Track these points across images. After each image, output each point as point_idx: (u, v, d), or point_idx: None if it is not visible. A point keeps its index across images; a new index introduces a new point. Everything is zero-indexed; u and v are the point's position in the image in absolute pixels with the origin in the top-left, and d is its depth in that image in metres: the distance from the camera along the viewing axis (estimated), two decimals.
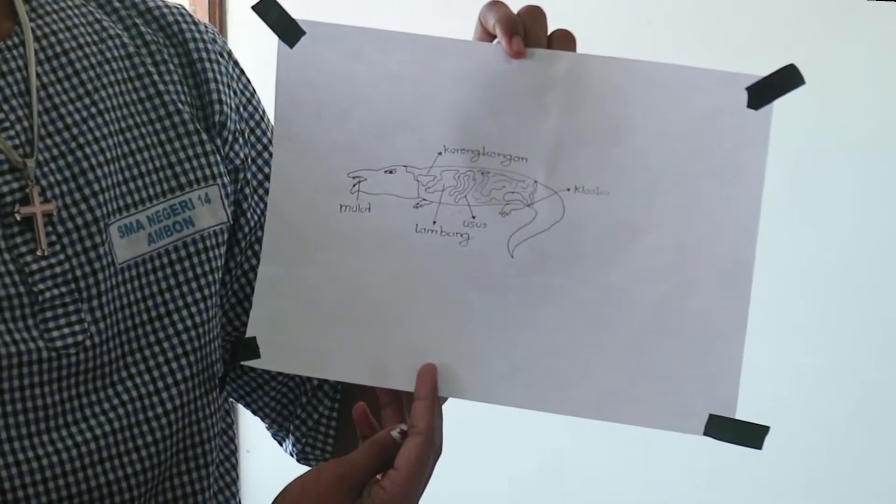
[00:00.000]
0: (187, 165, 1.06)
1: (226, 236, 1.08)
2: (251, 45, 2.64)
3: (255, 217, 1.12)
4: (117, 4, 1.08)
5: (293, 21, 1.02)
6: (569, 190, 1.00)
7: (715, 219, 0.99)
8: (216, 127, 1.08)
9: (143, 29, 1.08)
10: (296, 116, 1.03)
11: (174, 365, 1.04)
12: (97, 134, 1.01)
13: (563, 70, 0.99)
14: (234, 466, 1.13)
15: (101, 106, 1.03)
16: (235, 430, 1.15)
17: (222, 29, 2.66)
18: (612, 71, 1.00)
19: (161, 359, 1.03)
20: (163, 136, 1.05)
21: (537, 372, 1.01)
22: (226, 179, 1.08)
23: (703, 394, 1.00)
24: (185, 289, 1.05)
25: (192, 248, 1.05)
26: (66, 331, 0.98)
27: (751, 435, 1.00)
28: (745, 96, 0.98)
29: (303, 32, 1.02)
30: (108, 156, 1.02)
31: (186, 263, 1.05)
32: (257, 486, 2.69)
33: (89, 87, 1.03)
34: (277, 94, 1.03)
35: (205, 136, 1.07)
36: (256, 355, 1.05)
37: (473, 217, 1.01)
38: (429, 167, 1.01)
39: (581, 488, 2.55)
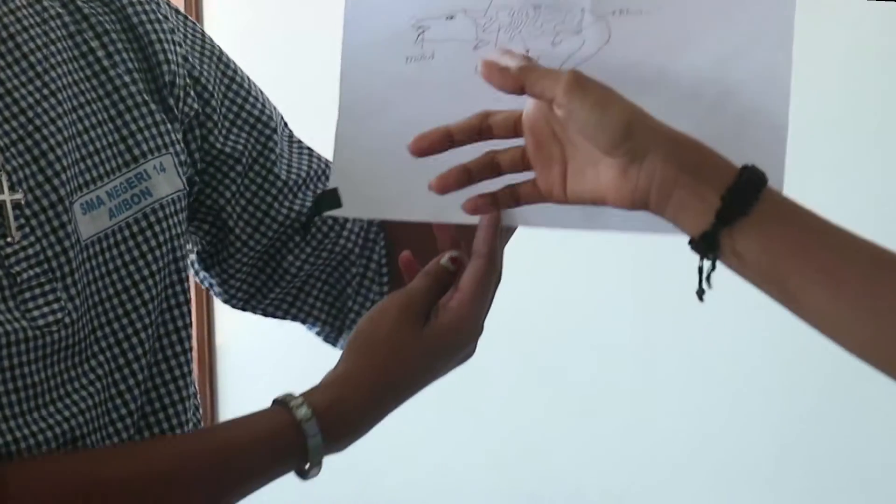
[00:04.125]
0: (139, 137, 1.08)
1: (184, 203, 1.11)
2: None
3: (248, 149, 1.16)
4: None
5: None
6: (614, 13, 1.07)
7: (750, 29, 1.06)
8: (167, 87, 1.11)
9: (80, 3, 1.09)
10: None
11: (142, 335, 1.07)
12: (52, 114, 1.03)
13: None
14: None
15: (53, 86, 1.04)
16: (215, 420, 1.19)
17: None
18: None
19: (130, 330, 1.06)
20: (113, 112, 1.07)
21: None
22: (178, 147, 1.11)
23: None
24: (148, 258, 1.07)
25: (152, 218, 1.08)
26: (45, 309, 1.00)
27: None
28: None
29: None
30: (65, 135, 1.03)
31: (148, 233, 1.08)
32: None
33: (38, 69, 1.04)
34: None
35: (154, 107, 1.09)
36: (338, 204, 1.12)
37: (527, 51, 1.08)
38: (486, 8, 1.08)
39: (558, 461, 2.59)
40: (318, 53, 2.12)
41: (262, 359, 2.79)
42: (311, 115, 1.49)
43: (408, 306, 1.05)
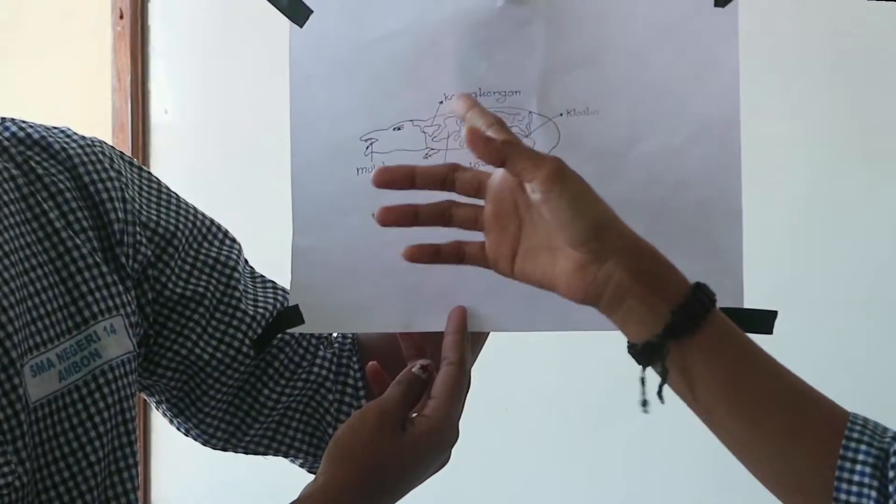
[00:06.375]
0: (90, 298, 1.08)
1: (134, 365, 1.11)
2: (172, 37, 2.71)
3: (211, 290, 1.17)
4: (6, 143, 1.10)
5: (301, 2, 1.10)
6: (561, 115, 1.08)
7: (699, 118, 1.07)
8: (118, 244, 1.12)
9: (33, 163, 1.10)
10: (309, 91, 1.11)
11: (88, 497, 1.06)
12: (5, 276, 1.02)
13: (543, 2, 1.08)
14: None
15: (6, 248, 1.04)
16: None
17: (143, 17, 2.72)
18: None
19: (75, 493, 1.06)
20: (64, 273, 1.08)
21: (552, 297, 1.05)
22: (129, 309, 1.11)
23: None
24: (96, 419, 1.07)
25: (101, 380, 1.08)
26: None
27: (760, 321, 1.07)
28: None
29: (310, 11, 1.10)
30: (16, 297, 1.03)
31: (97, 395, 1.07)
32: None
33: None
34: (292, 72, 1.11)
35: (105, 268, 1.10)
36: (300, 321, 1.12)
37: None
38: (433, 117, 1.09)
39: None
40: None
41: None
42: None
43: (384, 415, 1.06)
